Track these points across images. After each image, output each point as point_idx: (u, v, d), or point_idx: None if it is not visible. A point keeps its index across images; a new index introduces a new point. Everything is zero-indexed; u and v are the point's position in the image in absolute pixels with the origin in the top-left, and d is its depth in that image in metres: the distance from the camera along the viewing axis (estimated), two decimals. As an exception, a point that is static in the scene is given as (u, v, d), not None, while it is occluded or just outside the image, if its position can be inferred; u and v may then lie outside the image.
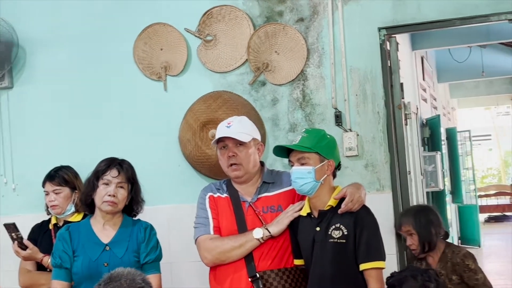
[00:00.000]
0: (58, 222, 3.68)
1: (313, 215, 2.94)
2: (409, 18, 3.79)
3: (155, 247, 3.16)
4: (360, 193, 2.91)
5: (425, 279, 2.28)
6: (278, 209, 3.07)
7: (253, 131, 3.14)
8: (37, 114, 4.40)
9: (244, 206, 3.09)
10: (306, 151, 2.88)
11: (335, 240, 2.84)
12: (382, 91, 3.83)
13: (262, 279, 2.97)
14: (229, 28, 4.06)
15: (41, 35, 4.39)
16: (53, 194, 3.64)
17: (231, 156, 3.07)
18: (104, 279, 2.04)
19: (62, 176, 3.68)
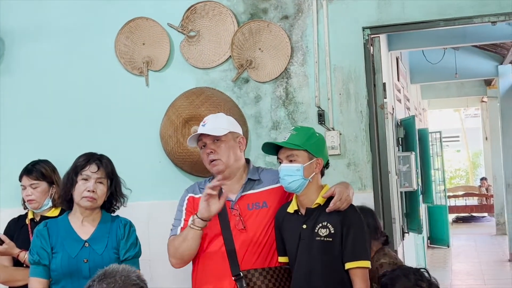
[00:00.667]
0: (35, 217, 3.63)
1: (300, 213, 2.93)
2: (394, 18, 3.81)
3: (134, 243, 3.13)
4: (348, 192, 2.91)
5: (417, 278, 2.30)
6: (263, 206, 3.05)
7: (230, 125, 3.12)
8: (14, 107, 4.34)
9: (228, 205, 3.07)
10: (295, 149, 2.88)
11: (322, 239, 2.83)
12: (365, 91, 3.85)
13: (246, 278, 2.95)
14: (213, 24, 4.05)
15: (22, 27, 4.34)
16: (30, 188, 3.59)
17: (209, 152, 3.05)
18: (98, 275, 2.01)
19: (40, 170, 3.62)
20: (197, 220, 2.94)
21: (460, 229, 14.49)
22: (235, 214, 3.03)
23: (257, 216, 3.04)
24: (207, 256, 3.05)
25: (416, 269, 2.35)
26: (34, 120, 4.30)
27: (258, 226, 3.02)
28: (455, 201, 16.05)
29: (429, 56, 9.43)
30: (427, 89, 13.04)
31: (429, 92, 13.30)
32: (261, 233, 3.02)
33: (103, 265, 2.91)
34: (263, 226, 3.03)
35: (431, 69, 9.71)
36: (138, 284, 1.96)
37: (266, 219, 3.04)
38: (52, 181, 3.64)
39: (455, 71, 9.64)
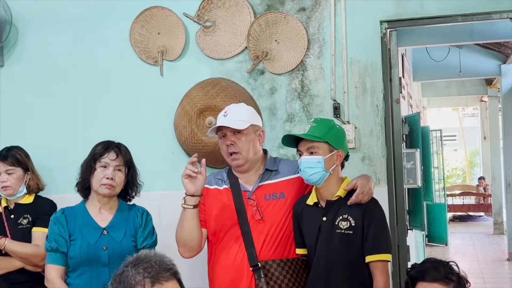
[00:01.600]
0: (9, 205, 3.59)
1: (320, 205, 2.92)
2: (411, 13, 3.81)
3: (151, 232, 3.14)
4: (370, 185, 2.91)
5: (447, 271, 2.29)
6: (280, 196, 3.04)
7: (252, 118, 3.09)
8: (27, 94, 4.33)
9: (245, 196, 3.06)
10: (316, 141, 2.86)
11: (342, 231, 2.83)
12: (381, 85, 3.85)
13: (263, 269, 2.94)
14: (229, 14, 4.03)
15: (36, 14, 4.32)
16: (5, 174, 3.54)
17: (229, 144, 3.03)
18: (131, 261, 1.98)
19: (15, 156, 3.58)
20: (187, 198, 2.92)
21: (457, 228, 14.53)
22: (252, 205, 3.02)
23: (274, 206, 3.03)
24: (224, 246, 3.04)
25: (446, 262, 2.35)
26: (47, 108, 4.28)
27: (275, 216, 3.01)
28: (452, 200, 16.09)
29: (433, 54, 9.44)
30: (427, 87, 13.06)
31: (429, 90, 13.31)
32: (279, 224, 3.01)
33: (122, 252, 2.95)
34: (281, 217, 3.02)
35: (435, 67, 9.72)
36: (172, 269, 1.94)
37: (284, 210, 3.03)
38: (27, 167, 3.61)
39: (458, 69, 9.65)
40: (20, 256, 3.44)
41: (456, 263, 2.38)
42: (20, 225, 3.52)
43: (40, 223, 3.49)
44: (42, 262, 3.46)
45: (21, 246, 3.44)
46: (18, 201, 3.59)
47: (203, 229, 3.05)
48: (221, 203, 3.07)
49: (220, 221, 3.05)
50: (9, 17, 4.18)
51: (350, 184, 2.89)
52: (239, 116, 3.04)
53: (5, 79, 4.34)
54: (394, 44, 3.91)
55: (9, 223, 3.52)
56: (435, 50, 9.34)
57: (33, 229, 3.51)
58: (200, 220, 3.03)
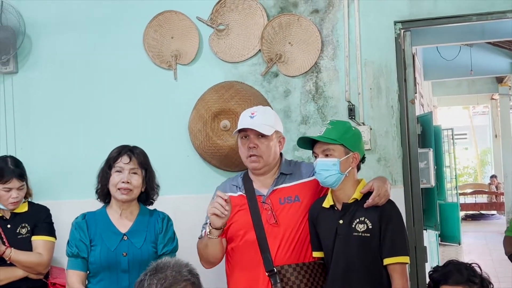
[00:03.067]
0: (4, 215, 3.54)
1: (336, 208, 2.91)
2: (426, 13, 3.78)
3: (172, 238, 3.13)
4: (386, 187, 2.89)
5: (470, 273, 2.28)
6: (295, 200, 3.03)
7: (277, 124, 3.09)
8: (42, 100, 4.32)
9: (259, 200, 3.05)
10: (331, 143, 2.85)
11: (359, 234, 2.81)
12: (396, 85, 3.82)
13: (279, 274, 2.92)
14: (242, 17, 4.02)
15: (49, 20, 4.31)
16: (17, 190, 3.49)
17: (251, 147, 3.01)
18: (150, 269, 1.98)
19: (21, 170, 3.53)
20: (213, 231, 2.90)
21: (469, 227, 14.45)
22: (266, 209, 3.01)
23: (289, 210, 3.01)
24: (240, 251, 3.03)
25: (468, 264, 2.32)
26: (61, 113, 4.28)
27: (290, 220, 3.00)
28: (464, 199, 16.00)
29: (444, 53, 9.40)
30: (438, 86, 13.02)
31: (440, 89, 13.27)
32: (294, 227, 2.99)
33: (142, 258, 2.96)
34: (296, 220, 3.00)
35: (445, 66, 9.68)
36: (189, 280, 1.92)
37: (299, 214, 3.02)
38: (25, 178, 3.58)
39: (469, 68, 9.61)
40: (25, 265, 3.42)
41: (478, 265, 2.36)
42: (19, 235, 3.49)
43: (39, 232, 3.49)
44: (45, 270, 3.50)
45: (26, 255, 3.43)
46: (12, 210, 3.56)
47: (223, 239, 3.04)
48: (236, 210, 3.05)
49: (236, 226, 3.05)
50: (22, 24, 4.18)
51: (366, 187, 2.87)
52: (266, 120, 3.02)
53: (19, 86, 4.34)
54: (408, 45, 3.88)
55: (6, 233, 3.49)
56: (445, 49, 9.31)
57: (33, 237, 3.50)
58: None
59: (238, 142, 3.11)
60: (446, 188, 10.65)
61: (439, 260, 9.07)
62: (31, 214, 3.56)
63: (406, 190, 3.80)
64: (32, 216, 3.55)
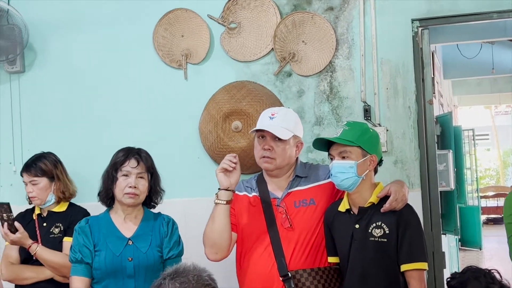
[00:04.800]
0: (42, 212, 3.62)
1: (352, 212, 2.91)
2: (444, 10, 3.79)
3: (177, 242, 3.14)
4: (404, 191, 2.88)
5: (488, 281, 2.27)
6: (310, 203, 3.03)
7: (296, 128, 3.08)
8: (49, 100, 4.37)
9: (274, 203, 3.06)
10: (348, 145, 2.85)
11: (376, 239, 2.81)
12: (413, 85, 3.83)
13: (294, 279, 2.92)
14: (255, 15, 4.04)
15: (56, 18, 4.35)
16: (31, 185, 3.58)
17: (266, 149, 3.02)
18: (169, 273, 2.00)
19: (40, 166, 3.60)
20: (221, 192, 2.94)
21: (491, 231, 14.35)
22: (281, 212, 3.02)
23: (304, 213, 3.02)
24: (253, 255, 3.03)
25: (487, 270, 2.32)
26: (69, 113, 4.32)
27: (305, 224, 3.00)
28: (486, 202, 15.90)
29: (464, 51, 9.36)
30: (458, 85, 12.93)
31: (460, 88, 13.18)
32: (309, 231, 3.00)
33: (148, 263, 2.97)
34: (311, 224, 3.01)
35: (466, 64, 9.63)
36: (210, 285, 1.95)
37: (314, 217, 3.02)
38: (53, 176, 3.62)
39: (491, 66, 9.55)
40: (50, 265, 3.46)
41: (498, 271, 2.36)
42: (51, 234, 3.55)
43: (71, 233, 3.44)
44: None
45: (52, 254, 3.46)
46: (51, 209, 3.62)
47: (233, 233, 3.05)
48: (249, 211, 3.07)
49: (249, 229, 3.06)
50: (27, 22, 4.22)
51: (383, 191, 2.87)
52: (286, 123, 3.02)
53: (26, 85, 4.39)
54: (426, 43, 3.88)
55: (41, 231, 3.56)
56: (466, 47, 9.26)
57: (64, 238, 3.53)
58: (231, 223, 3.03)
59: (255, 140, 3.12)
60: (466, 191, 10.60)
61: (459, 265, 9.04)
62: (68, 215, 3.60)
63: (423, 194, 3.81)
64: (68, 216, 3.59)
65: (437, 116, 8.00)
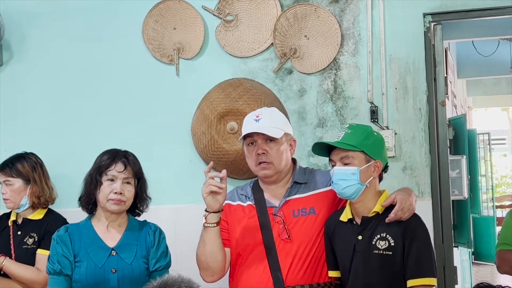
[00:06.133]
0: (17, 219, 3.61)
1: (355, 222, 2.90)
2: (459, 4, 3.79)
3: (165, 252, 3.12)
4: (411, 200, 2.87)
5: (498, 299, 2.27)
6: (310, 212, 3.02)
7: (286, 125, 3.10)
8: (29, 96, 4.37)
9: (271, 212, 3.05)
10: (351, 150, 2.84)
11: (380, 252, 2.81)
12: (425, 85, 3.83)
13: None
14: (253, 7, 4.04)
15: (37, 7, 4.35)
16: (5, 185, 3.58)
17: (260, 154, 3.01)
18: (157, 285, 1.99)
19: (17, 166, 3.60)
20: (210, 216, 2.92)
21: (507, 244, 14.32)
22: (278, 222, 3.01)
23: (303, 224, 3.01)
24: (247, 269, 3.03)
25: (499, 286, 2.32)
26: (50, 110, 4.33)
27: (304, 235, 2.99)
28: (502, 212, 15.88)
29: (480, 48, 9.35)
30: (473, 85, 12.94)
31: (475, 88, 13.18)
32: (308, 243, 2.99)
33: (133, 275, 2.97)
34: (310, 235, 3.00)
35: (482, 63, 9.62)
36: None
37: (314, 228, 3.01)
38: (29, 178, 3.62)
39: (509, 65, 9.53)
40: (20, 280, 3.44)
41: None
42: (25, 245, 3.53)
43: (45, 245, 3.45)
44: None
45: (20, 268, 3.45)
46: (27, 215, 3.61)
47: (226, 249, 3.05)
48: (244, 221, 3.06)
49: (244, 240, 3.05)
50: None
51: (388, 199, 2.86)
52: (273, 122, 3.02)
53: (4, 79, 4.39)
54: (439, 40, 3.87)
55: (15, 240, 3.55)
56: (482, 44, 9.24)
57: (37, 250, 3.52)
58: (223, 239, 3.03)
59: (245, 150, 3.11)
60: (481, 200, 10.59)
61: (472, 281, 9.04)
62: (43, 224, 3.60)
63: (434, 203, 3.80)
64: (44, 225, 3.58)
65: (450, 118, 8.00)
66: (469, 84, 12.75)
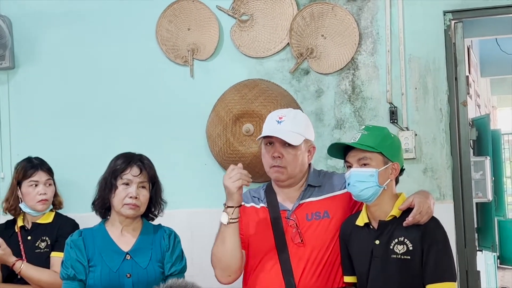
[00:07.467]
0: (25, 224, 3.61)
1: (372, 226, 2.89)
2: (480, 1, 3.77)
3: (180, 256, 3.13)
4: (429, 203, 2.85)
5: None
6: (324, 216, 3.02)
7: (307, 131, 3.07)
8: (41, 99, 4.40)
9: (284, 215, 3.04)
10: (369, 151, 2.83)
11: (398, 256, 2.79)
12: (445, 85, 3.81)
13: None
14: (269, 7, 4.05)
15: (49, 10, 4.39)
16: (44, 186, 3.59)
17: (276, 157, 3.01)
18: None
19: (46, 164, 3.63)
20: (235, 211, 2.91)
21: (533, 248, 14.24)
22: (291, 226, 3.00)
23: (316, 228, 3.00)
24: (259, 274, 3.03)
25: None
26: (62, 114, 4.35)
27: (318, 239, 2.99)
28: (528, 215, 15.78)
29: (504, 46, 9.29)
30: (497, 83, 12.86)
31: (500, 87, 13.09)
32: (322, 248, 2.98)
33: (148, 280, 2.96)
34: (324, 239, 2.99)
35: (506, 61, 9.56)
36: None
37: (328, 232, 3.01)
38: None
39: (534, 63, 9.48)
40: (37, 283, 3.45)
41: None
42: (37, 249, 3.56)
43: (59, 247, 3.48)
44: None
45: (38, 272, 3.46)
46: (36, 220, 3.62)
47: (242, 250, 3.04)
48: (257, 224, 3.06)
49: (256, 244, 3.05)
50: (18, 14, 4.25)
51: (405, 202, 2.85)
52: (295, 127, 3.01)
53: (16, 83, 4.43)
54: (460, 38, 3.85)
55: (25, 246, 3.56)
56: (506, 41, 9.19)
57: (51, 254, 3.54)
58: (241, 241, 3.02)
59: (261, 148, 3.11)
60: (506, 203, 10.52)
61: (497, 286, 8.98)
62: (55, 227, 3.62)
63: (456, 206, 3.78)
64: (55, 228, 3.61)
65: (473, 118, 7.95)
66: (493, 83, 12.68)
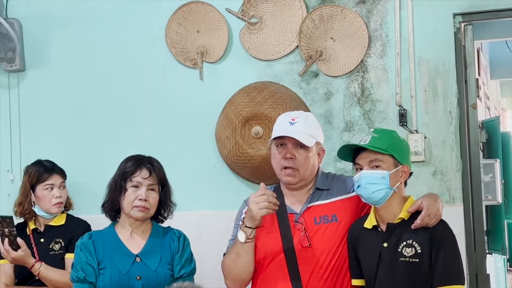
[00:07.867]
0: (38, 227, 3.62)
1: (380, 229, 2.89)
2: (490, 3, 3.77)
3: (189, 259, 3.13)
4: (437, 206, 2.85)
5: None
6: (332, 220, 3.00)
7: (318, 133, 3.06)
8: (51, 102, 4.41)
9: (291, 219, 3.04)
10: (380, 152, 2.84)
11: (407, 259, 2.79)
12: (455, 88, 3.81)
13: None
14: (278, 9, 4.05)
15: (59, 13, 4.40)
16: (59, 189, 3.61)
17: (288, 158, 2.99)
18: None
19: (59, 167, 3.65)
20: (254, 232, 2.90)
21: (544, 251, 14.18)
22: (299, 229, 2.99)
23: (325, 231, 2.99)
24: (267, 278, 3.02)
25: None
26: (72, 116, 4.37)
27: (326, 243, 2.98)
28: (538, 218, 15.71)
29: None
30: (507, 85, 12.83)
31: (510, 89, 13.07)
32: (330, 251, 2.97)
33: (158, 282, 2.97)
34: (332, 243, 2.98)
35: (517, 63, 9.55)
36: None
37: (336, 235, 2.99)
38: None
39: (545, 65, 9.46)
40: (55, 285, 3.46)
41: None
42: (51, 251, 3.57)
43: (73, 249, 3.46)
44: None
45: (57, 273, 3.48)
46: (48, 222, 3.63)
47: None
48: (265, 227, 3.04)
49: (264, 248, 3.03)
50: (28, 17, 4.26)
51: (414, 205, 2.85)
52: (308, 129, 3.00)
53: (26, 86, 4.44)
54: (470, 40, 3.86)
55: (39, 248, 3.58)
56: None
57: (66, 255, 3.57)
58: None
59: (272, 149, 3.09)
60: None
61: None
62: (68, 229, 3.64)
63: (466, 209, 3.78)
64: (68, 230, 3.63)
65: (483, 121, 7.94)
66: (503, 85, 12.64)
